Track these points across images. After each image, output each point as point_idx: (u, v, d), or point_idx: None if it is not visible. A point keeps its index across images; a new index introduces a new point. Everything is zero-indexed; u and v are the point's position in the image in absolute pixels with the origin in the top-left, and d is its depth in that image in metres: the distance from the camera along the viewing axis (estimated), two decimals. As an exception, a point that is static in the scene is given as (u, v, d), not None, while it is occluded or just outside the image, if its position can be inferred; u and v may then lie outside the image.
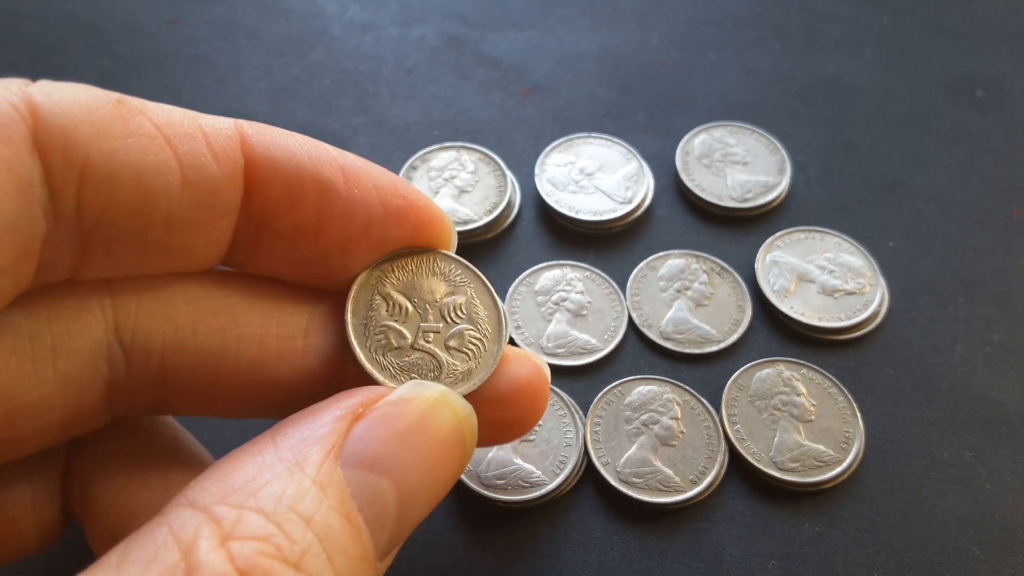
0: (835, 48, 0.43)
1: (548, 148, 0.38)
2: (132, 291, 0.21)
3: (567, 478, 0.29)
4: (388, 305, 0.22)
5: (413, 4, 0.45)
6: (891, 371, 0.32)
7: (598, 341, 0.33)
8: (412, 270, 0.23)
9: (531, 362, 0.23)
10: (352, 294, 0.22)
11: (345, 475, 0.18)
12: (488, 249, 0.36)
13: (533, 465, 0.30)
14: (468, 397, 0.21)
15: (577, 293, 0.34)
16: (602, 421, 0.31)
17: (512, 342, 0.33)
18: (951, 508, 0.29)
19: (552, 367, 0.33)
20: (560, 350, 0.33)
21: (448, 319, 0.23)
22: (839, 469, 0.30)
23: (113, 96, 0.19)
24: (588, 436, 0.30)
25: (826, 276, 0.34)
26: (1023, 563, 0.28)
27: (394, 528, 0.19)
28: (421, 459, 0.19)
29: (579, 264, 0.35)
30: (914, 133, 0.39)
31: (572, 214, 0.36)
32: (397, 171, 0.37)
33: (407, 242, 0.23)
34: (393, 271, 0.23)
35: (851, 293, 0.34)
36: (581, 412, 0.31)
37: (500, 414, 0.23)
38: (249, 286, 0.22)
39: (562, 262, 0.35)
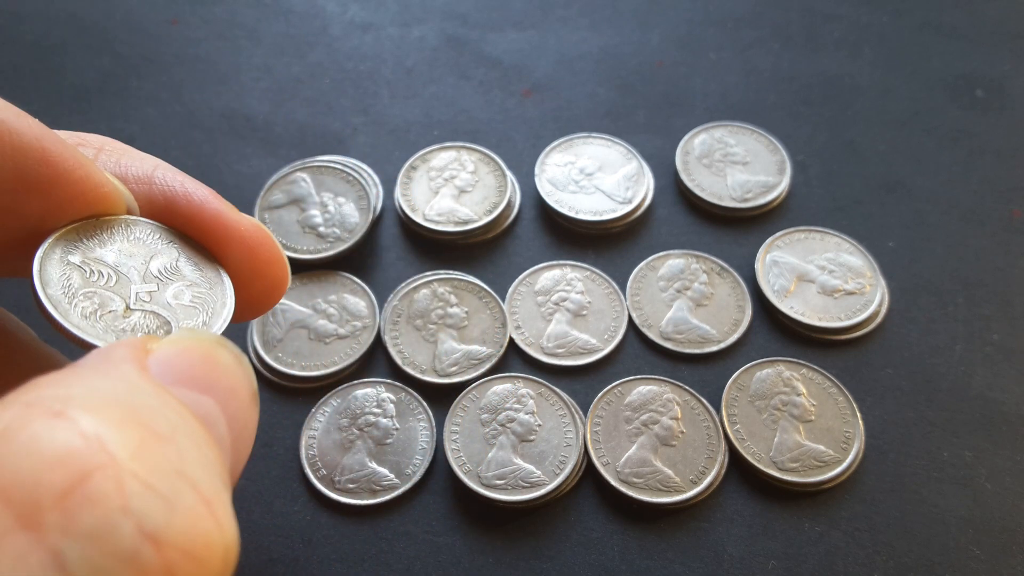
0: (835, 48, 0.43)
1: (548, 148, 0.38)
2: None
3: (567, 478, 0.29)
4: (87, 272, 0.20)
5: (413, 4, 0.45)
6: (891, 371, 0.32)
7: (598, 341, 0.33)
8: (105, 239, 0.20)
9: (246, 231, 0.21)
10: (37, 268, 0.19)
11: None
12: (488, 249, 0.36)
13: (533, 465, 0.30)
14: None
15: (577, 293, 0.34)
16: (602, 421, 0.31)
17: (512, 343, 0.33)
18: (951, 508, 0.29)
19: (552, 367, 0.33)
20: (560, 350, 0.33)
21: (161, 279, 0.21)
22: (839, 469, 0.30)
23: None
24: (588, 436, 0.30)
25: (826, 276, 0.34)
26: (1023, 563, 0.28)
27: (231, 456, 0.16)
28: (232, 386, 0.17)
29: (579, 264, 0.35)
30: (914, 133, 0.39)
31: (572, 214, 0.36)
32: (397, 171, 0.37)
33: (64, 215, 0.19)
34: (82, 240, 0.20)
35: (851, 293, 0.34)
36: (581, 412, 0.31)
37: (251, 293, 0.22)
38: None
39: (562, 262, 0.35)
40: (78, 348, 0.18)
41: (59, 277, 0.19)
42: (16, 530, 0.11)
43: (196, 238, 0.21)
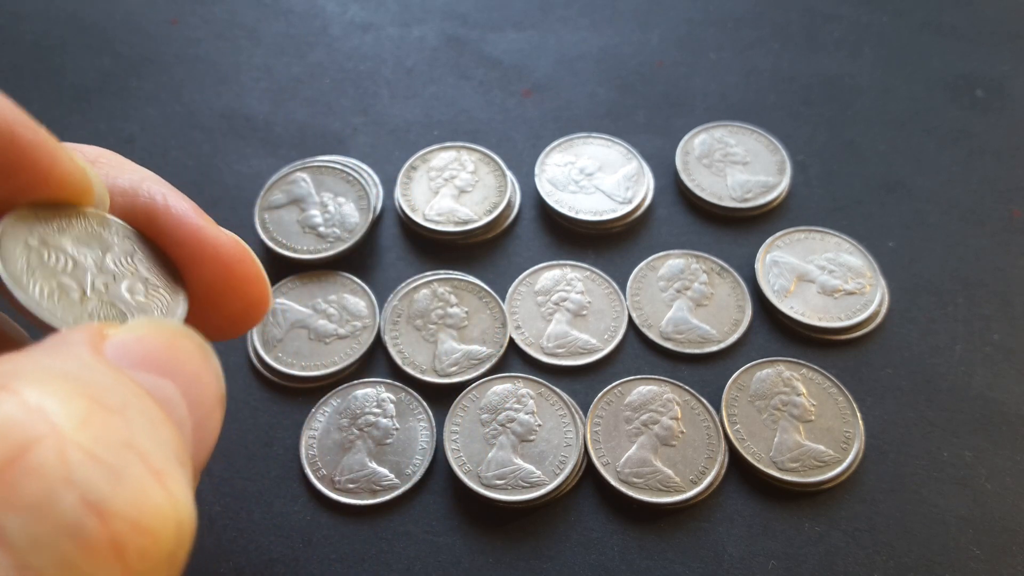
0: (835, 48, 0.43)
1: (548, 148, 0.38)
2: None
3: (567, 478, 0.29)
4: (45, 255, 0.19)
5: (413, 4, 0.45)
6: (891, 371, 0.32)
7: (598, 341, 0.33)
8: (64, 226, 0.19)
9: (223, 248, 0.21)
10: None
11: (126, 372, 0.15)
12: (488, 249, 0.36)
13: (533, 465, 0.30)
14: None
15: (577, 293, 0.34)
16: (602, 421, 0.31)
17: (512, 343, 0.33)
18: (951, 508, 0.29)
19: (552, 367, 0.33)
20: (560, 350, 0.33)
21: (118, 272, 0.20)
22: (839, 469, 0.30)
23: None
24: (588, 436, 0.30)
25: (826, 276, 0.34)
26: (1023, 563, 0.28)
27: (192, 442, 0.15)
28: (195, 372, 0.16)
29: (579, 264, 0.35)
30: (914, 133, 0.39)
31: (572, 214, 0.36)
32: (397, 171, 0.37)
33: (27, 198, 0.19)
34: (40, 223, 0.19)
35: (851, 293, 0.34)
36: (581, 412, 0.31)
37: (229, 310, 0.21)
38: None
39: (562, 262, 0.35)
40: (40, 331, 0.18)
41: (19, 255, 0.18)
42: None
43: (173, 250, 0.21)
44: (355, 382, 0.32)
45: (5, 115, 0.17)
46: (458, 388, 0.32)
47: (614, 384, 0.31)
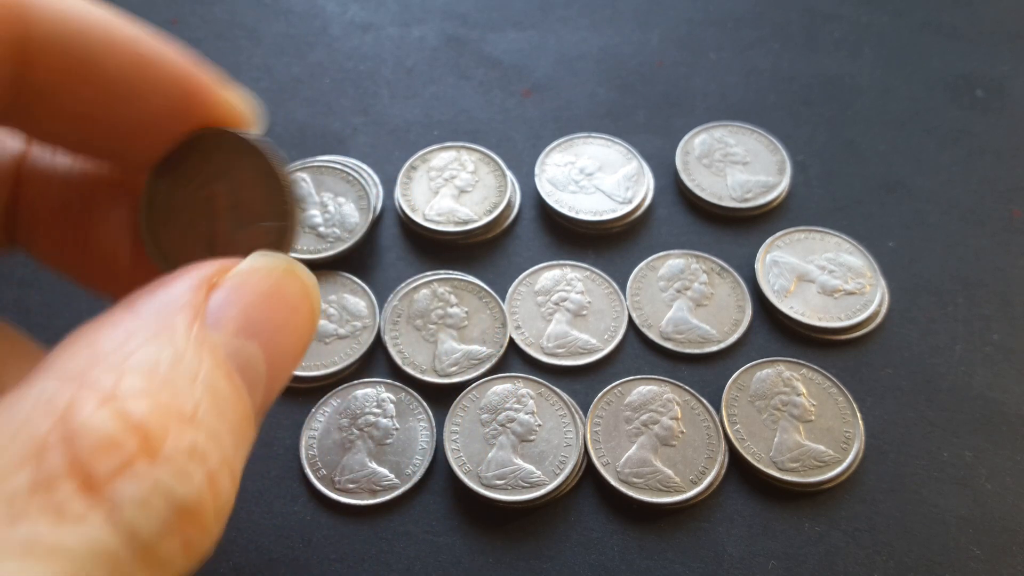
0: (835, 48, 0.43)
1: (548, 148, 0.38)
2: None
3: (567, 478, 0.29)
4: (183, 196, 0.22)
5: (413, 4, 0.45)
6: (891, 371, 0.32)
7: (598, 341, 0.33)
8: (208, 171, 0.22)
9: None
10: (147, 185, 0.21)
11: (216, 340, 0.17)
12: (488, 249, 0.36)
13: (533, 465, 0.30)
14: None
15: (577, 293, 0.34)
16: (602, 421, 0.31)
17: (512, 343, 0.33)
18: (951, 508, 0.29)
19: (552, 367, 0.33)
20: (560, 350, 0.33)
21: (245, 199, 0.22)
22: (839, 469, 0.30)
23: None
24: (588, 436, 0.30)
25: (826, 276, 0.34)
26: (1023, 563, 0.28)
27: (265, 392, 0.19)
28: (282, 324, 0.19)
29: (579, 264, 0.35)
30: (914, 133, 0.39)
31: (572, 214, 0.36)
32: (397, 171, 0.37)
33: (204, 122, 0.22)
34: (187, 169, 0.22)
35: (851, 293, 0.34)
36: (581, 412, 0.31)
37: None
38: None
39: (562, 262, 0.35)
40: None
41: (161, 196, 0.21)
42: (80, 494, 0.14)
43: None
44: (355, 382, 0.32)
45: (182, 63, 0.21)
46: (458, 388, 0.32)
47: (614, 384, 0.31)
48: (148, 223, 0.22)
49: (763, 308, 0.34)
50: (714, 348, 0.33)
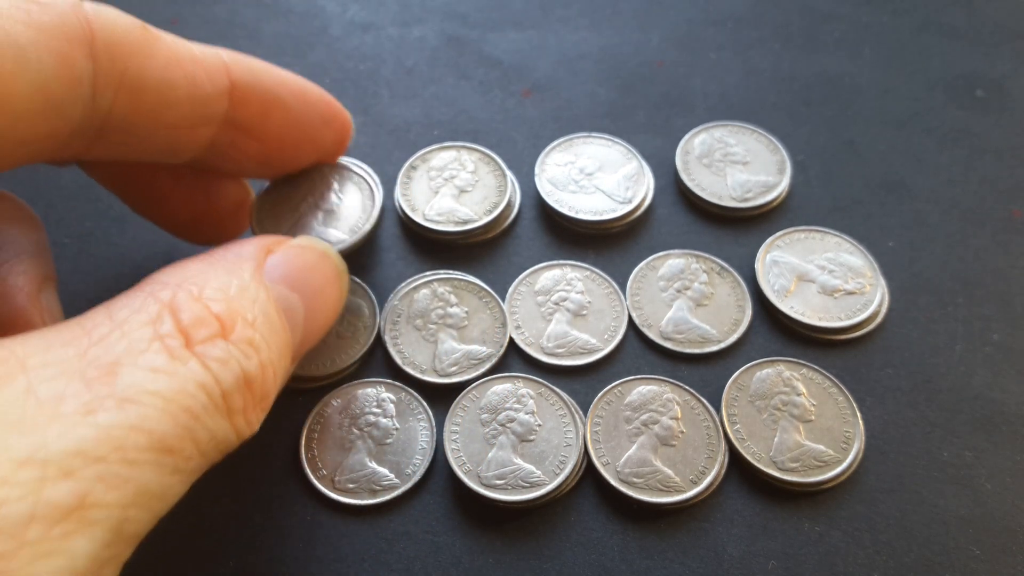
0: (835, 48, 0.43)
1: (548, 148, 0.38)
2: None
3: (567, 478, 0.29)
4: (287, 197, 0.32)
5: (413, 4, 0.45)
6: (891, 371, 0.32)
7: (598, 341, 0.33)
8: (305, 187, 0.32)
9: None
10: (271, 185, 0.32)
11: (269, 285, 0.23)
12: (488, 249, 0.36)
13: (533, 465, 0.30)
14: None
15: (577, 293, 0.34)
16: (602, 421, 0.31)
17: (512, 343, 0.33)
18: (951, 508, 0.29)
19: (552, 367, 0.33)
20: (560, 350, 0.33)
21: (321, 202, 0.31)
22: (839, 469, 0.30)
23: (138, 22, 0.24)
24: (588, 436, 0.30)
25: (826, 276, 0.34)
26: (1023, 563, 0.28)
27: (302, 337, 0.25)
28: (318, 289, 0.25)
29: (579, 264, 0.35)
30: (914, 133, 0.39)
31: (572, 214, 0.36)
32: (397, 171, 0.37)
33: (334, 140, 0.31)
34: (292, 180, 0.32)
35: (851, 293, 0.34)
36: (581, 412, 0.31)
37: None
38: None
39: (562, 262, 0.35)
40: None
41: (271, 194, 0.32)
42: (184, 348, 0.20)
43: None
44: (355, 382, 0.32)
45: (325, 95, 0.30)
46: (458, 388, 0.32)
47: (614, 384, 0.31)
48: (257, 211, 0.31)
49: (763, 308, 0.34)
50: (714, 348, 0.33)
